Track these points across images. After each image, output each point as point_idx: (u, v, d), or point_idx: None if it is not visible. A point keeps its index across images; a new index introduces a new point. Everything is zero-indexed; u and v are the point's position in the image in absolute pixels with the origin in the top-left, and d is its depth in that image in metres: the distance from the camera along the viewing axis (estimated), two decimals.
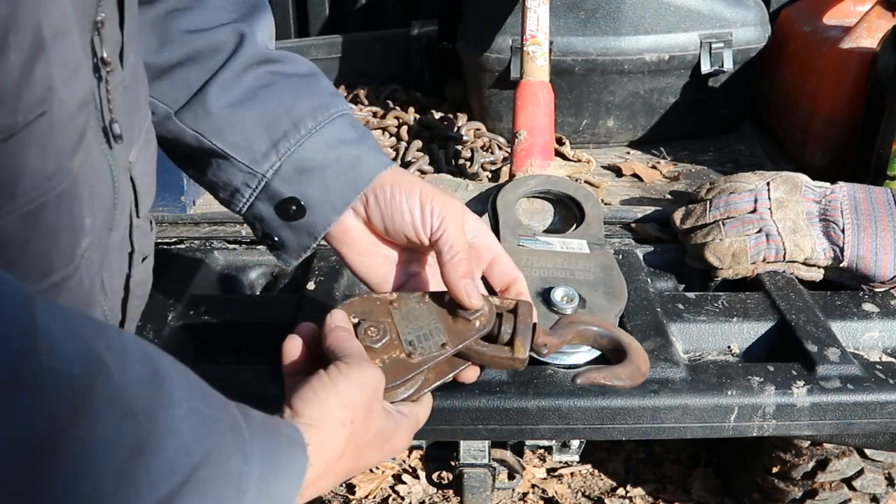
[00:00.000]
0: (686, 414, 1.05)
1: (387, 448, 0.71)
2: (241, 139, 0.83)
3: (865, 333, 1.18)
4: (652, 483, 2.30)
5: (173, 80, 0.83)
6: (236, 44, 0.84)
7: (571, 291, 1.09)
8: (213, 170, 0.86)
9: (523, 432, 1.06)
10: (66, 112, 0.56)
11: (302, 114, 0.84)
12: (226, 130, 0.83)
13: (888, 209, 1.25)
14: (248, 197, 0.86)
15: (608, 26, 1.79)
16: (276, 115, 0.83)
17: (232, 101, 0.83)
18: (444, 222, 0.82)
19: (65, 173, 0.56)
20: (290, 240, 0.87)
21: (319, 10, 2.40)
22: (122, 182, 0.68)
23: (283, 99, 0.84)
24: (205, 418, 0.50)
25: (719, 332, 1.17)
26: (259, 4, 0.90)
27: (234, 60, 0.83)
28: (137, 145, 0.74)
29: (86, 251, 0.61)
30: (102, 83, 0.64)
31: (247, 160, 0.83)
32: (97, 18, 0.60)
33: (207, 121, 0.83)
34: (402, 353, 0.75)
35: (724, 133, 1.97)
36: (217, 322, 1.18)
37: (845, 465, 1.79)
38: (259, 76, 0.84)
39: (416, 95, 2.16)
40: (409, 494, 2.24)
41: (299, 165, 0.84)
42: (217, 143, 0.83)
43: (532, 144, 1.50)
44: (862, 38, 1.58)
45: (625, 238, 1.41)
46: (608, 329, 0.86)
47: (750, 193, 1.29)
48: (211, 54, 0.83)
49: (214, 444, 0.49)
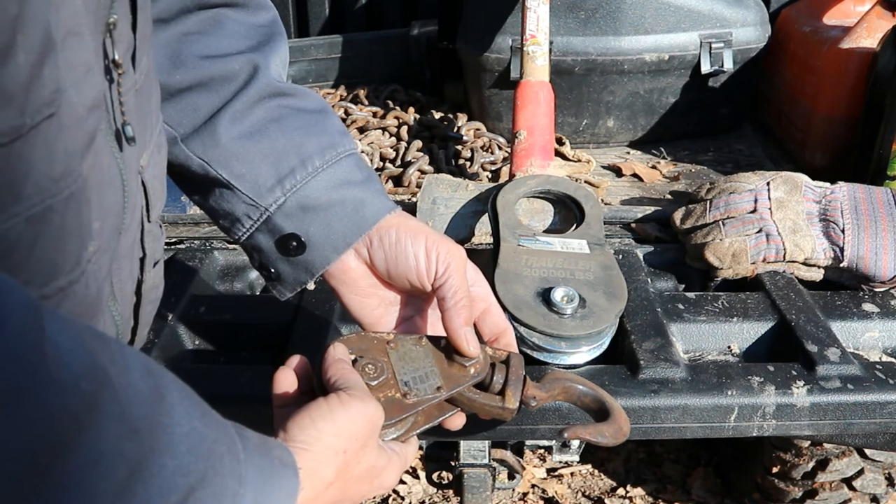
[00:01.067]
0: (686, 414, 1.05)
1: (375, 484, 0.70)
2: (247, 171, 0.83)
3: (865, 333, 1.18)
4: (652, 483, 2.30)
5: (182, 104, 0.83)
6: (249, 75, 0.84)
7: (571, 291, 1.09)
8: (216, 197, 0.86)
9: (523, 432, 1.06)
10: (76, 114, 0.55)
11: (310, 151, 0.84)
12: (232, 162, 0.83)
13: (888, 209, 1.25)
14: (248, 227, 0.86)
15: (608, 26, 1.79)
16: (284, 150, 0.83)
17: (241, 133, 0.83)
18: (449, 269, 0.82)
19: (73, 176, 0.55)
20: (287, 273, 0.87)
21: (319, 10, 2.40)
22: (132, 186, 0.68)
23: (292, 135, 0.84)
24: (203, 438, 0.50)
25: (719, 332, 1.17)
26: (275, 33, 0.89)
27: (246, 91, 0.83)
28: (149, 149, 0.73)
29: (93, 255, 0.61)
30: (114, 85, 0.63)
31: (251, 193, 0.83)
32: (110, 20, 0.60)
33: (215, 150, 0.83)
34: (397, 392, 0.76)
35: (724, 133, 1.98)
36: (217, 322, 1.18)
37: (845, 465, 1.79)
38: (270, 109, 0.84)
39: (416, 95, 2.16)
40: (409, 494, 2.24)
41: (303, 203, 0.84)
42: (223, 173, 0.83)
43: (532, 144, 1.50)
44: (862, 38, 1.58)
45: (625, 238, 1.41)
46: (592, 389, 0.88)
47: (750, 193, 1.29)
48: (223, 83, 0.83)
49: (212, 464, 0.49)
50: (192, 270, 1.31)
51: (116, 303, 0.69)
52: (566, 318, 1.07)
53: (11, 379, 0.39)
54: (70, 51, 0.54)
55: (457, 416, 0.83)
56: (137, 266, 0.74)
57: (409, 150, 1.85)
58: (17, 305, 0.41)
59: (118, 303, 0.69)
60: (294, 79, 2.27)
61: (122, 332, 0.71)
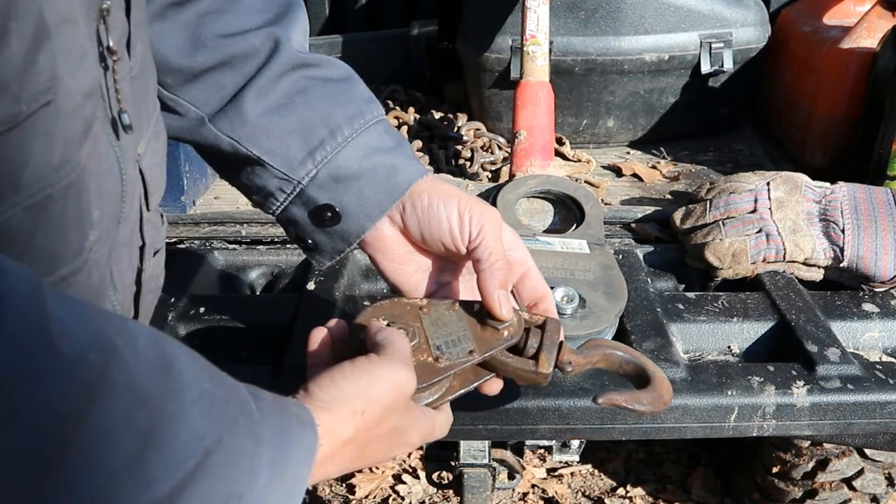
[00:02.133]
0: (686, 414, 1.05)
1: (397, 442, 0.69)
2: (278, 146, 0.83)
3: (865, 333, 1.18)
4: (652, 483, 2.30)
5: (207, 84, 0.82)
6: (271, 49, 0.83)
7: (571, 291, 1.09)
8: (248, 174, 0.85)
9: (523, 432, 1.06)
10: (73, 101, 0.55)
11: (338, 121, 0.83)
12: (262, 137, 0.83)
13: (888, 209, 1.25)
14: (282, 201, 0.85)
15: (608, 26, 1.79)
16: (312, 122, 0.83)
17: (268, 108, 0.82)
18: (483, 231, 0.81)
19: (72, 164, 0.55)
20: (325, 243, 0.87)
21: (319, 10, 2.40)
22: (130, 174, 0.67)
23: (320, 106, 0.83)
24: (215, 400, 0.50)
25: (719, 332, 1.17)
26: (293, 3, 0.88)
27: (269, 66, 0.82)
28: (146, 137, 0.73)
29: (94, 244, 0.60)
30: (109, 73, 0.63)
31: (283, 167, 0.83)
32: (103, 6, 0.59)
33: (243, 128, 0.82)
34: (429, 356, 0.75)
35: (724, 133, 1.97)
36: (217, 322, 1.18)
37: (845, 465, 1.79)
38: (295, 81, 0.83)
39: (416, 95, 2.16)
40: (409, 494, 2.24)
41: (335, 173, 0.83)
42: (253, 150, 0.83)
43: (532, 144, 1.50)
44: (862, 38, 1.58)
45: (625, 238, 1.41)
46: (634, 356, 0.85)
47: (750, 193, 1.29)
48: (245, 59, 0.82)
49: (226, 426, 0.49)
50: (192, 270, 1.31)
51: (117, 292, 0.68)
52: (566, 318, 1.07)
53: (19, 356, 0.39)
54: (65, 37, 0.53)
55: (493, 382, 0.82)
56: (137, 255, 0.74)
57: None
58: (16, 284, 0.41)
59: (118, 292, 0.69)
60: None
61: None
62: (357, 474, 2.28)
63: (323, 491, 2.27)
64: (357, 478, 2.27)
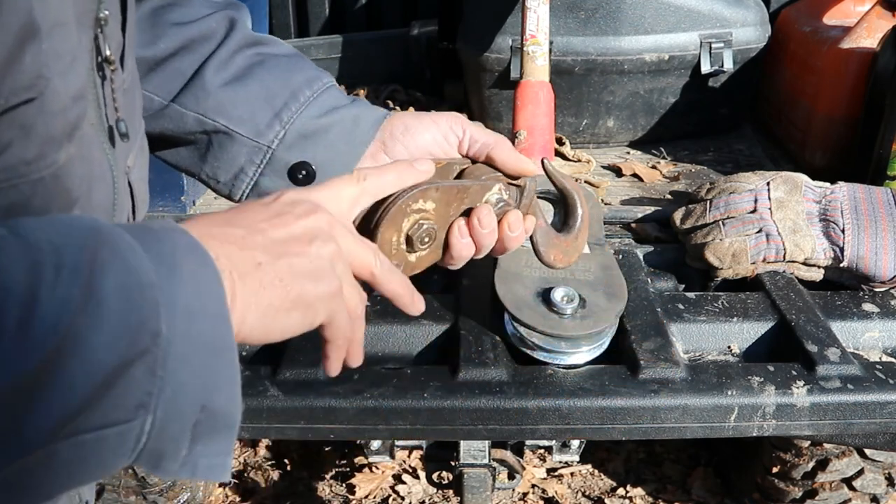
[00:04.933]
0: (686, 414, 1.05)
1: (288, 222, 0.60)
2: (244, 113, 0.86)
3: (865, 333, 1.18)
4: (652, 483, 2.30)
5: (167, 71, 0.85)
6: (227, 28, 0.88)
7: (571, 291, 1.09)
8: (215, 152, 0.88)
9: (523, 432, 1.06)
10: (60, 102, 0.55)
11: (298, 84, 0.88)
12: (227, 107, 0.86)
13: (888, 209, 1.25)
14: (252, 175, 0.88)
15: (608, 26, 1.79)
16: (273, 88, 0.87)
17: (228, 79, 0.86)
18: (466, 131, 0.86)
19: (47, 162, 0.55)
20: None
21: (319, 10, 2.40)
22: (121, 185, 0.68)
23: (277, 74, 0.88)
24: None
25: (719, 332, 1.17)
26: (237, 2, 0.93)
27: (226, 43, 0.87)
28: (134, 150, 0.74)
29: None
30: (107, 82, 0.63)
31: (251, 133, 0.86)
32: (100, 15, 0.60)
33: (208, 100, 0.85)
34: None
35: (724, 133, 1.97)
36: None
37: (845, 465, 1.79)
38: (250, 56, 0.88)
39: (416, 95, 2.16)
40: (409, 494, 2.24)
41: (302, 131, 0.87)
42: (220, 120, 0.86)
43: (532, 144, 1.50)
44: (862, 38, 1.58)
45: (625, 238, 1.41)
46: (567, 189, 0.89)
47: (750, 193, 1.29)
48: (203, 41, 0.86)
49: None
50: None
51: None
52: (566, 318, 1.07)
53: None
54: (57, 41, 0.54)
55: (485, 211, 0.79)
56: None
57: None
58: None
59: None
60: None
61: None
62: (357, 474, 2.28)
63: (323, 491, 2.27)
64: (357, 478, 2.27)
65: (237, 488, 2.28)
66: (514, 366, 1.09)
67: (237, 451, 2.39)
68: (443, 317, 1.18)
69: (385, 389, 1.04)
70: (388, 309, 1.19)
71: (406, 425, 1.05)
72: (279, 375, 1.07)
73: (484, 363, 1.08)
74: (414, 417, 1.04)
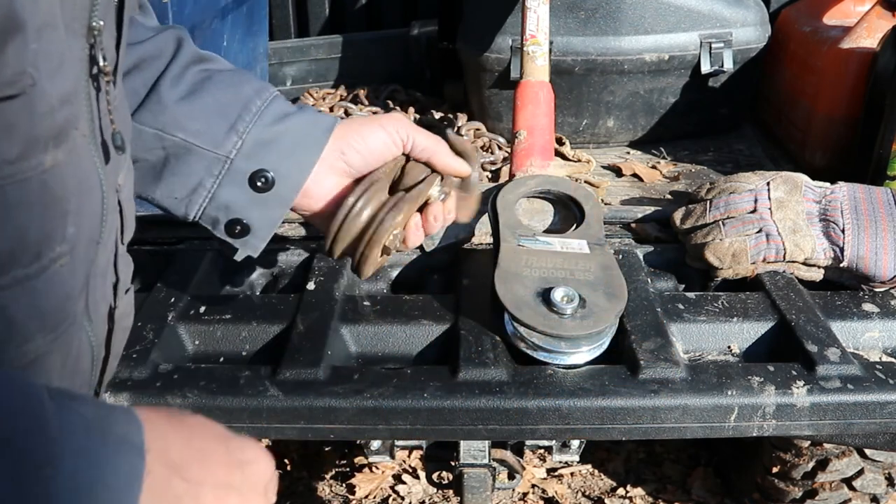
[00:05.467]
0: (686, 414, 1.05)
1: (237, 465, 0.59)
2: (201, 126, 0.89)
3: (865, 333, 1.18)
4: (652, 483, 2.30)
5: (126, 91, 0.85)
6: (176, 46, 0.92)
7: (571, 291, 1.09)
8: (172, 167, 0.90)
9: (523, 432, 1.06)
10: (47, 104, 0.56)
11: (248, 96, 0.92)
12: (184, 121, 0.89)
13: (888, 209, 1.25)
14: (210, 187, 0.91)
15: (608, 26, 1.79)
16: (225, 101, 0.91)
17: (183, 94, 0.89)
18: (410, 136, 0.98)
19: (31, 164, 0.55)
20: (259, 218, 0.94)
21: (319, 10, 2.40)
22: (111, 201, 0.68)
23: (227, 88, 0.92)
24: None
25: (719, 332, 1.17)
26: (177, 25, 0.98)
27: (177, 59, 0.90)
28: (124, 170, 0.74)
29: (61, 258, 0.60)
30: (102, 94, 0.63)
31: (209, 145, 0.90)
32: (93, 23, 0.60)
33: (164, 115, 0.88)
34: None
35: (724, 133, 1.97)
36: (217, 322, 1.18)
37: (845, 465, 1.79)
38: (199, 72, 0.92)
39: (416, 95, 2.16)
40: (409, 494, 2.24)
41: (258, 140, 0.91)
42: (179, 134, 0.89)
43: (532, 144, 1.50)
44: (862, 38, 1.58)
45: (625, 238, 1.41)
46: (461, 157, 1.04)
47: (750, 193, 1.29)
48: (154, 59, 0.90)
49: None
50: (192, 270, 1.31)
51: (91, 322, 0.68)
52: (566, 318, 1.07)
53: None
54: (45, 42, 0.54)
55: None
56: (111, 290, 0.74)
57: None
58: None
59: (92, 323, 0.69)
60: (294, 79, 2.27)
61: (96, 358, 0.71)
62: (357, 474, 2.28)
63: (323, 491, 2.27)
64: (357, 478, 2.27)
65: None
66: (514, 366, 1.09)
67: None
68: (443, 317, 1.18)
69: (385, 389, 1.04)
70: (387, 309, 1.19)
71: (406, 425, 1.05)
72: (279, 375, 1.07)
73: (484, 363, 1.08)
74: (414, 417, 1.04)
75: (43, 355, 0.61)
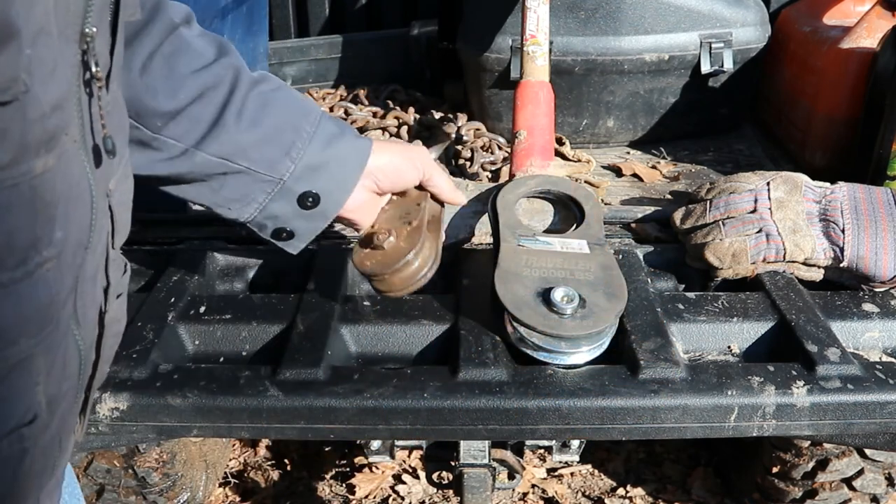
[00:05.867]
0: (686, 414, 1.05)
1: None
2: (262, 154, 0.98)
3: (865, 333, 1.18)
4: (652, 483, 2.30)
5: (185, 119, 0.95)
6: (234, 76, 0.98)
7: (571, 291, 1.09)
8: (230, 186, 1.00)
9: (523, 432, 1.06)
10: (39, 110, 0.56)
11: (299, 122, 1.01)
12: (247, 151, 0.98)
13: (888, 209, 1.25)
14: (262, 201, 1.01)
15: (608, 26, 1.79)
16: (280, 128, 0.99)
17: (246, 127, 0.97)
18: (427, 170, 1.14)
19: (22, 169, 0.56)
20: (303, 227, 1.06)
21: (319, 10, 2.40)
22: (101, 206, 0.68)
23: (280, 114, 1.00)
24: None
25: (719, 332, 1.17)
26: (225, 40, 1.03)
27: (238, 89, 0.97)
28: (117, 175, 0.74)
29: (48, 262, 0.60)
30: (94, 99, 0.64)
31: (266, 170, 0.99)
32: (86, 30, 0.60)
33: (230, 145, 0.97)
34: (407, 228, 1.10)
35: (724, 133, 1.97)
36: (217, 322, 1.18)
37: (845, 465, 1.79)
38: (257, 97, 0.99)
39: (416, 95, 2.16)
40: (409, 494, 2.24)
41: (309, 165, 1.01)
42: (243, 162, 0.98)
43: (532, 144, 1.50)
44: (862, 38, 1.58)
45: (625, 238, 1.41)
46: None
47: (750, 193, 1.29)
48: (215, 89, 0.96)
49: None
50: (192, 270, 1.31)
51: (79, 326, 0.68)
52: (566, 318, 1.07)
53: None
54: (40, 48, 0.54)
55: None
56: (101, 294, 0.75)
57: None
58: None
59: (81, 327, 0.69)
60: (294, 79, 2.27)
61: (85, 362, 0.71)
62: (357, 474, 2.28)
63: (323, 491, 2.27)
64: (357, 478, 2.27)
65: (237, 488, 2.28)
66: (514, 366, 1.09)
67: (237, 451, 2.39)
68: (443, 317, 1.18)
69: (385, 389, 1.04)
70: (387, 309, 1.19)
71: (406, 425, 1.05)
72: (279, 375, 1.07)
73: (484, 363, 1.08)
74: (414, 417, 1.04)
75: (27, 358, 0.61)
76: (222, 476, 2.28)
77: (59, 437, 0.70)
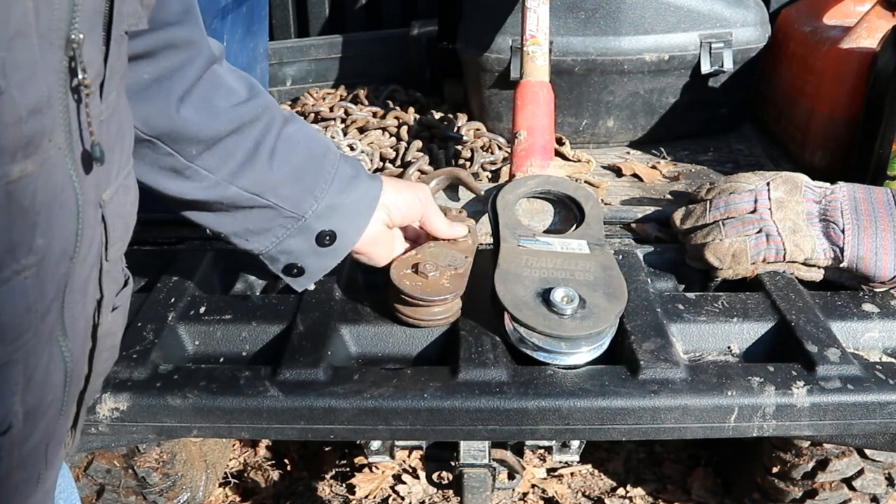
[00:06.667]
0: (686, 414, 1.05)
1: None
2: (288, 193, 1.02)
3: (865, 333, 1.18)
4: (652, 483, 2.30)
5: (220, 151, 0.97)
6: (269, 114, 1.02)
7: (571, 292, 1.09)
8: (254, 220, 1.03)
9: (523, 432, 1.06)
10: (16, 113, 0.55)
11: (322, 162, 1.05)
12: (277, 187, 1.01)
13: (888, 209, 1.25)
14: (280, 236, 1.05)
15: (608, 26, 1.79)
16: (304, 167, 1.04)
17: (278, 163, 1.01)
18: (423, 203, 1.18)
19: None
20: (314, 264, 1.09)
21: (319, 10, 2.40)
22: (89, 216, 0.67)
23: (304, 153, 1.04)
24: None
25: (719, 332, 1.17)
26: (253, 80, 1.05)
27: (271, 129, 1.01)
28: (113, 186, 0.74)
29: (26, 270, 0.60)
30: (82, 106, 0.63)
31: (292, 208, 1.03)
32: (71, 36, 0.59)
33: (262, 183, 1.00)
34: (452, 271, 1.15)
35: (724, 133, 1.97)
36: (217, 322, 1.18)
37: (845, 465, 1.79)
38: (286, 138, 1.03)
39: (416, 95, 2.16)
40: (409, 494, 2.24)
41: (329, 205, 1.05)
42: (271, 199, 1.01)
43: (532, 144, 1.50)
44: (862, 38, 1.58)
45: (625, 238, 1.41)
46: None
47: (750, 193, 1.29)
48: (250, 125, 0.99)
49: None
50: (192, 270, 1.31)
51: (66, 339, 0.68)
52: (566, 319, 1.07)
53: None
54: (17, 51, 0.54)
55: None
56: (94, 306, 0.74)
57: (409, 150, 1.85)
58: None
59: (67, 338, 0.68)
60: (294, 79, 2.27)
61: (71, 373, 0.70)
62: (357, 474, 2.28)
63: (323, 491, 2.27)
64: (357, 478, 2.27)
65: (237, 488, 2.28)
66: (514, 366, 1.09)
67: (237, 451, 2.39)
68: None
69: (385, 389, 1.04)
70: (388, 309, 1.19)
71: (406, 426, 1.05)
72: (279, 375, 1.07)
73: (484, 363, 1.08)
74: (414, 417, 1.04)
75: (2, 366, 0.60)
76: (222, 476, 2.28)
77: (45, 449, 0.69)
